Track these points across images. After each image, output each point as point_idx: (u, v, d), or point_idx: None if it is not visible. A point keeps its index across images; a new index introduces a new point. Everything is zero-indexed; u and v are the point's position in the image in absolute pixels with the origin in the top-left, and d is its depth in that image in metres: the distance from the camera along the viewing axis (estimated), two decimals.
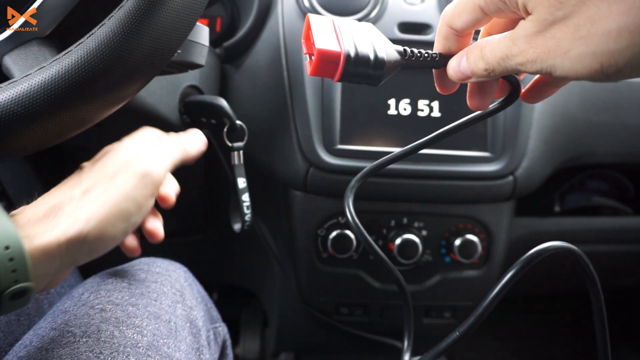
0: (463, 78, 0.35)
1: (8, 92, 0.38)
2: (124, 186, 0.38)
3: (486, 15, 0.32)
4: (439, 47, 0.36)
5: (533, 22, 0.29)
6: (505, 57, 0.31)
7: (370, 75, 0.34)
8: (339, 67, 0.33)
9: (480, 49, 0.33)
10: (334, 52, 0.32)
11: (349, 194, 0.42)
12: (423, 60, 0.36)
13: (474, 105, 0.38)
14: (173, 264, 0.54)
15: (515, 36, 0.30)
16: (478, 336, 1.06)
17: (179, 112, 0.64)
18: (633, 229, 0.88)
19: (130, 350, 0.39)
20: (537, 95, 0.38)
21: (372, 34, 0.35)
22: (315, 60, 0.33)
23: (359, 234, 0.40)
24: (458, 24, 0.34)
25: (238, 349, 1.05)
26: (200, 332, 0.48)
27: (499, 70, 0.32)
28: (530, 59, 0.29)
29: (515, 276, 0.37)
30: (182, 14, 0.40)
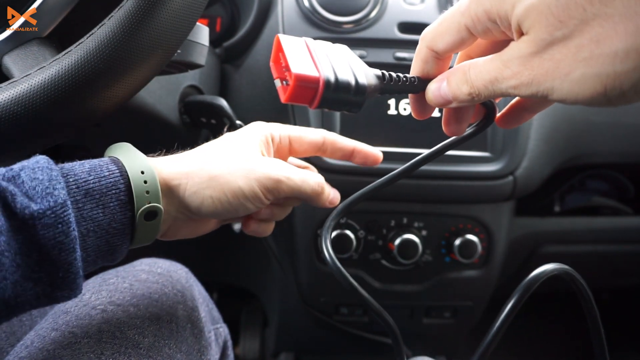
0: (443, 103, 0.33)
1: (8, 92, 0.38)
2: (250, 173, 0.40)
3: (472, 36, 0.31)
4: (417, 70, 0.34)
5: (529, 43, 0.27)
6: (494, 80, 0.29)
7: (351, 102, 0.31)
8: (318, 93, 0.30)
9: (464, 72, 0.31)
10: (312, 77, 0.30)
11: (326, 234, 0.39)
12: (402, 85, 0.34)
13: (450, 131, 0.36)
14: (174, 264, 0.54)
15: (508, 57, 0.28)
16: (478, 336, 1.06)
17: (179, 112, 0.64)
18: (633, 229, 0.88)
19: (131, 351, 0.39)
20: (513, 120, 0.36)
21: (348, 57, 0.33)
22: (291, 87, 0.30)
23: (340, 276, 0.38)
24: (440, 46, 0.32)
25: (238, 349, 1.05)
26: (201, 332, 0.48)
27: (485, 94, 0.30)
28: (525, 82, 0.28)
29: (516, 305, 0.36)
30: (182, 14, 0.40)
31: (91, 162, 0.36)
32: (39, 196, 0.32)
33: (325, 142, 0.47)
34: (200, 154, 0.42)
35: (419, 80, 0.34)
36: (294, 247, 0.76)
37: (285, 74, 0.31)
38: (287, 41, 0.32)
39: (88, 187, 0.35)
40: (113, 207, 0.36)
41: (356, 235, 0.73)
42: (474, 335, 0.98)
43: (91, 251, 0.35)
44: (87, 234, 0.34)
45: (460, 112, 0.35)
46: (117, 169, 0.36)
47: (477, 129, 0.36)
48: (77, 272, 0.34)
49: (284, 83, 0.32)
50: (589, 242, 0.89)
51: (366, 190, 0.40)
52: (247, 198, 0.40)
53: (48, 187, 0.32)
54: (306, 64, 0.30)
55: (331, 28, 0.68)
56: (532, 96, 0.28)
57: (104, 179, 0.35)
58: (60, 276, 0.33)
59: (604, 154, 0.79)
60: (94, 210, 0.35)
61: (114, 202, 0.36)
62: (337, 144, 0.47)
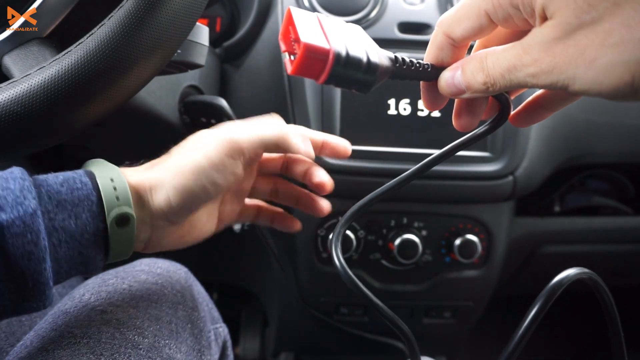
0: (456, 92, 0.31)
1: (8, 92, 0.38)
2: (204, 147, 0.40)
3: (491, 23, 0.29)
4: (431, 57, 0.33)
5: (553, 27, 0.25)
6: (512, 68, 0.27)
7: (360, 80, 0.30)
8: (327, 66, 0.29)
9: (480, 60, 0.29)
10: (322, 48, 0.28)
11: (337, 242, 0.37)
12: (414, 70, 0.32)
13: (461, 125, 0.35)
14: (174, 264, 0.53)
15: (529, 43, 0.27)
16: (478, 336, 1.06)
17: (179, 112, 0.63)
18: (633, 229, 0.88)
19: (131, 352, 0.39)
20: (528, 119, 0.35)
21: (361, 35, 0.32)
22: (299, 57, 0.28)
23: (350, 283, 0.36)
24: (457, 32, 0.31)
25: (238, 349, 1.05)
26: (201, 333, 0.48)
27: (501, 84, 0.28)
28: (546, 69, 0.26)
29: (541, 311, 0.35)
30: (181, 14, 0.40)
31: (65, 174, 0.37)
32: (9, 205, 0.32)
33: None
34: (165, 157, 0.42)
35: (433, 68, 0.32)
36: (294, 247, 0.76)
37: (294, 48, 0.30)
38: (299, 14, 0.30)
39: (60, 198, 0.35)
40: (85, 218, 0.35)
41: (356, 235, 0.73)
42: (474, 335, 0.98)
43: (63, 262, 0.35)
44: (59, 244, 0.34)
45: (472, 104, 0.34)
46: (89, 181, 0.37)
47: (490, 127, 0.34)
48: (46, 283, 0.33)
49: (292, 58, 0.30)
50: (589, 242, 0.89)
51: (377, 193, 0.39)
52: (210, 168, 0.39)
53: (19, 197, 0.32)
54: (316, 35, 0.29)
55: None
56: (551, 86, 0.26)
57: (77, 191, 0.36)
58: (29, 286, 0.33)
59: (604, 154, 0.79)
60: (66, 221, 0.34)
61: (86, 213, 0.35)
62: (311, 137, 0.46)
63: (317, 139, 0.47)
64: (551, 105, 0.34)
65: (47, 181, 0.35)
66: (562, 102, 0.33)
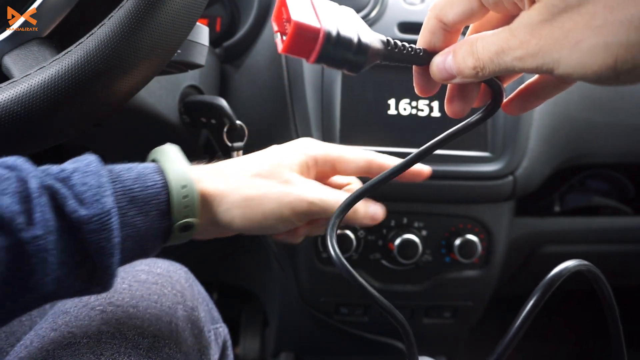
0: (447, 77, 0.31)
1: (8, 92, 0.38)
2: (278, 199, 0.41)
3: (482, 7, 0.30)
4: (424, 42, 0.33)
5: (540, 10, 0.25)
6: (500, 52, 0.27)
7: (351, 60, 0.30)
8: (317, 45, 0.29)
9: (470, 44, 0.29)
10: (312, 27, 0.29)
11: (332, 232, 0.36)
12: (406, 54, 0.32)
13: (453, 111, 0.35)
14: (174, 264, 0.53)
15: (516, 26, 0.27)
16: (478, 336, 1.06)
17: (178, 112, 0.64)
18: (633, 229, 0.88)
19: (131, 352, 0.39)
20: (521, 105, 0.35)
21: (353, 18, 0.32)
22: (289, 35, 0.28)
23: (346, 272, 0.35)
24: (449, 16, 0.31)
25: (238, 349, 1.05)
26: (201, 333, 0.48)
27: (490, 68, 0.28)
28: (532, 52, 0.26)
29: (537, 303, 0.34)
30: (182, 14, 0.40)
31: (137, 168, 0.38)
32: (87, 202, 0.33)
33: (371, 165, 0.46)
34: (239, 170, 0.42)
35: (425, 52, 0.32)
36: (294, 247, 0.76)
37: (285, 28, 0.30)
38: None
39: (133, 194, 0.36)
40: (153, 216, 0.37)
41: (356, 235, 0.73)
42: (474, 335, 0.98)
43: (127, 253, 0.37)
44: (126, 238, 0.36)
45: (465, 90, 0.34)
46: (160, 179, 0.38)
47: (484, 114, 0.34)
48: (112, 273, 0.36)
49: (284, 38, 0.30)
50: (589, 242, 0.89)
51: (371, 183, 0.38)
52: (279, 221, 0.41)
53: (96, 194, 0.34)
54: (308, 15, 0.29)
55: None
56: (537, 70, 0.26)
57: (148, 189, 0.37)
58: (97, 275, 0.35)
59: (604, 154, 0.79)
60: (135, 217, 0.37)
61: (154, 212, 0.38)
62: (386, 166, 0.46)
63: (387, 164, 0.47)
64: (543, 93, 0.34)
65: (122, 176, 0.37)
66: (552, 89, 0.33)
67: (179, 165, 0.40)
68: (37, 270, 0.32)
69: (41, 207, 0.32)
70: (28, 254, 0.31)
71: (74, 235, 0.33)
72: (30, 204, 0.32)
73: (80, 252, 0.34)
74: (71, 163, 0.36)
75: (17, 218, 0.31)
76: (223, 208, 0.40)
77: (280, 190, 0.41)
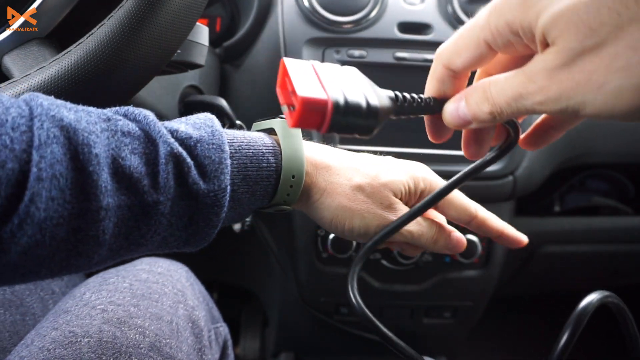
0: (462, 124, 0.31)
1: (7, 92, 0.38)
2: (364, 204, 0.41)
3: (491, 51, 0.29)
4: (433, 90, 0.32)
5: (556, 54, 0.25)
6: (517, 97, 0.27)
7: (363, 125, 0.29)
8: (327, 117, 0.28)
9: (484, 90, 0.29)
10: (319, 100, 0.28)
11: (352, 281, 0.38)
12: (417, 106, 0.32)
13: (470, 154, 0.35)
14: (175, 264, 0.54)
15: (532, 71, 0.26)
16: (478, 336, 1.06)
17: (178, 112, 0.64)
18: (633, 229, 0.88)
19: (132, 351, 0.39)
20: (539, 141, 0.34)
21: (358, 78, 0.31)
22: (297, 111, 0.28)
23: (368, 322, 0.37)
24: (457, 64, 0.30)
25: (238, 349, 1.05)
26: (202, 332, 0.48)
27: (507, 112, 0.28)
28: (553, 97, 0.25)
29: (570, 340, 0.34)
30: (181, 14, 0.40)
31: (255, 145, 0.39)
32: (208, 176, 0.35)
33: (476, 220, 0.44)
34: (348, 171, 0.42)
35: (435, 101, 0.32)
36: (294, 247, 0.76)
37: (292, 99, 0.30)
38: (293, 64, 0.30)
39: (247, 173, 0.38)
40: (259, 195, 0.39)
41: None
42: (474, 335, 0.98)
43: (226, 221, 0.39)
44: (230, 210, 0.38)
45: (480, 133, 0.34)
46: (274, 162, 0.39)
47: (499, 153, 0.34)
48: (209, 239, 0.38)
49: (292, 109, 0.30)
50: (589, 242, 0.89)
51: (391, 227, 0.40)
52: (363, 237, 0.42)
53: (217, 170, 0.35)
54: (313, 87, 0.29)
55: (331, 28, 0.69)
56: (561, 112, 0.26)
57: (261, 170, 0.38)
58: (197, 239, 0.37)
59: (604, 154, 0.79)
60: (244, 194, 0.38)
61: (261, 191, 0.39)
62: (487, 224, 0.44)
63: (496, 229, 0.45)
64: (562, 125, 0.33)
65: (240, 152, 0.38)
66: (571, 122, 0.33)
67: (294, 148, 0.40)
68: (150, 230, 0.33)
69: (166, 173, 0.33)
70: (148, 215, 0.33)
71: (188, 202, 0.34)
72: (157, 168, 0.33)
73: (188, 217, 0.35)
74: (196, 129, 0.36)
75: (143, 180, 0.32)
76: (317, 205, 0.41)
77: (380, 214, 0.41)
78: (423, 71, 0.69)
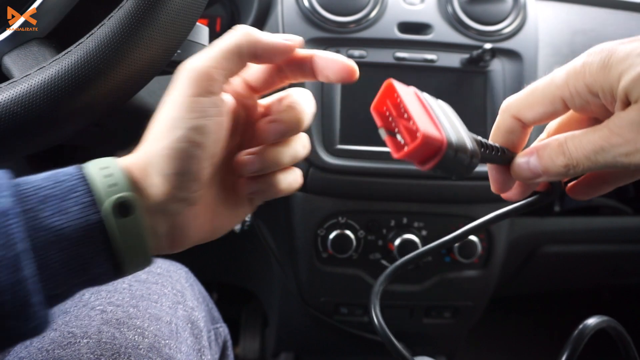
0: (531, 177, 0.31)
1: (8, 92, 0.38)
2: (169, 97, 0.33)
3: (565, 107, 0.30)
4: (501, 141, 0.33)
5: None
6: (599, 150, 0.28)
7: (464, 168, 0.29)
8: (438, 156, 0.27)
9: (560, 144, 0.30)
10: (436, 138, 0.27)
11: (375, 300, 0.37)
12: (494, 154, 0.31)
13: (510, 196, 0.35)
14: (174, 264, 0.54)
15: (617, 125, 0.28)
16: (478, 336, 1.06)
17: None
18: (633, 229, 0.88)
19: (131, 352, 0.39)
20: (589, 192, 0.35)
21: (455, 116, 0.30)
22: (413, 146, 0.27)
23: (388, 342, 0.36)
24: (528, 116, 0.32)
25: (238, 349, 1.05)
26: (201, 332, 0.48)
27: (585, 165, 0.29)
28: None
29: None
30: (181, 14, 0.40)
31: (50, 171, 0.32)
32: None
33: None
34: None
35: (508, 152, 0.32)
36: (294, 247, 0.76)
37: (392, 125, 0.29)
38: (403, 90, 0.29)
39: (45, 193, 0.30)
40: (75, 212, 0.30)
41: (356, 235, 0.73)
42: (474, 335, 0.98)
43: (57, 267, 0.30)
44: (46, 246, 0.29)
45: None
46: (76, 171, 0.32)
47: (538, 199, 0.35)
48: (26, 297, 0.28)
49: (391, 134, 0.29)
50: (589, 242, 0.89)
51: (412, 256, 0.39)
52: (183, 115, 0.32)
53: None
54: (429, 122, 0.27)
55: (331, 28, 0.68)
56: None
57: (62, 183, 0.31)
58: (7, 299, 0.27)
59: None
60: (53, 217, 0.30)
61: (76, 206, 0.30)
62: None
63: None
64: (615, 180, 0.34)
65: (29, 178, 0.31)
66: (628, 178, 0.34)
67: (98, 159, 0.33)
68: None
69: None
70: None
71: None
72: None
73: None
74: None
75: None
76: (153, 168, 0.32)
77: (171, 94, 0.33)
78: (423, 71, 0.70)
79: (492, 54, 0.66)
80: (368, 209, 0.72)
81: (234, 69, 0.33)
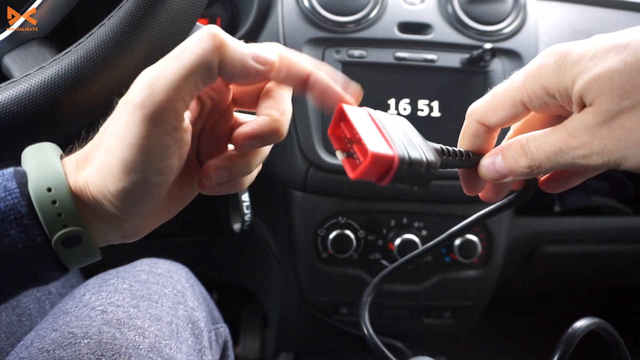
0: (498, 177, 0.32)
1: (8, 92, 0.38)
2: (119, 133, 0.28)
3: (526, 109, 0.31)
4: (467, 145, 0.34)
5: (595, 114, 0.27)
6: (558, 152, 0.29)
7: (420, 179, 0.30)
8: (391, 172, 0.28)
9: (521, 146, 0.31)
10: (387, 156, 0.28)
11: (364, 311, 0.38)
12: (458, 159, 0.33)
13: (487, 197, 0.36)
14: (174, 264, 0.54)
15: (574, 128, 0.28)
16: (478, 336, 1.06)
17: None
18: (633, 229, 0.88)
19: (132, 352, 0.39)
20: (561, 185, 0.35)
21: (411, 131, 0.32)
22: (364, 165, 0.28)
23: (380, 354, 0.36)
24: (492, 120, 0.32)
25: (238, 349, 1.05)
26: (202, 333, 0.48)
27: (547, 166, 0.30)
28: (596, 151, 0.27)
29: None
30: (181, 13, 0.40)
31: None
32: None
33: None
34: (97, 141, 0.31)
35: (473, 155, 0.34)
36: (294, 247, 0.76)
37: (348, 146, 0.30)
38: (354, 113, 0.30)
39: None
40: (15, 236, 0.28)
41: (356, 235, 0.73)
42: (474, 335, 0.98)
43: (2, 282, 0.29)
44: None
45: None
46: (16, 187, 0.29)
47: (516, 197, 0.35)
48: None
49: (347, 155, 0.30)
50: (589, 242, 0.89)
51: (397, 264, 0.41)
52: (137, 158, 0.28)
53: None
54: (379, 141, 0.29)
55: (331, 28, 0.68)
56: (602, 166, 0.28)
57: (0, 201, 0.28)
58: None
59: None
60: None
61: (15, 230, 0.28)
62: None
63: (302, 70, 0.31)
64: (582, 174, 0.34)
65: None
66: (595, 172, 0.34)
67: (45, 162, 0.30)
68: None
69: None
70: None
71: None
72: None
73: None
74: None
75: None
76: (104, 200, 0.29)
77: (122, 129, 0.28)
78: (423, 71, 0.70)
79: (492, 54, 0.66)
80: (368, 209, 0.72)
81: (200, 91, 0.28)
